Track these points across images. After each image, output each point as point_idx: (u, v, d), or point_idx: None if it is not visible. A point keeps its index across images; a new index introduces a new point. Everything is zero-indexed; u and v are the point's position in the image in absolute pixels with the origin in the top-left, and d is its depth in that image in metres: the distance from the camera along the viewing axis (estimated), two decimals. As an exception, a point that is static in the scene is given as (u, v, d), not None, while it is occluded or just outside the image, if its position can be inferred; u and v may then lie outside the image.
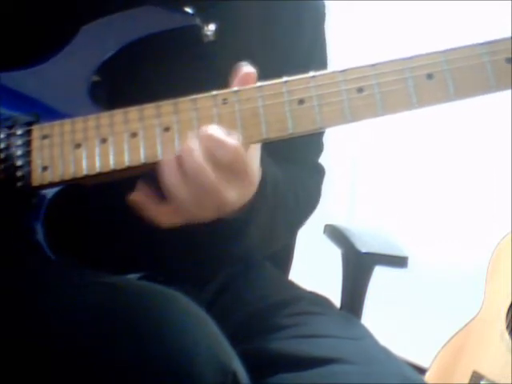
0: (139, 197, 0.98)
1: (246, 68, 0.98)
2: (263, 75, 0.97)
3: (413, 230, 2.52)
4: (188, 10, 1.05)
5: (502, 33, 0.95)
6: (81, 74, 1.05)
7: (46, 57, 1.06)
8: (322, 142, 1.31)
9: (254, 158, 0.98)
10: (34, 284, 0.97)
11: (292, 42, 1.21)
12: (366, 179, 2.71)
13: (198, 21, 1.05)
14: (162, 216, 0.99)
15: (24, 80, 1.06)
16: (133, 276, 1.07)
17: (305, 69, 0.98)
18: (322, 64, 1.26)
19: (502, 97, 0.95)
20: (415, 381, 1.04)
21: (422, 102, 0.94)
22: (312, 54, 1.24)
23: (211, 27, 1.06)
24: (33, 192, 1.01)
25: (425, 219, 2.60)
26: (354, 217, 2.64)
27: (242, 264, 1.22)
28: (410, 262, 1.37)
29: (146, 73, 0.98)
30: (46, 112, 1.04)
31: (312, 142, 1.27)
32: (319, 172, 1.30)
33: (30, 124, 1.03)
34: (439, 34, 2.33)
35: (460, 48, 0.94)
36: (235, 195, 0.96)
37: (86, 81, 1.05)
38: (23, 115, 1.04)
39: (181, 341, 0.88)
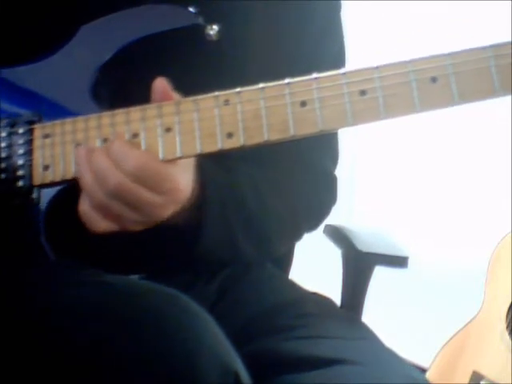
0: (86, 208, 0.98)
1: (160, 82, 0.97)
2: (267, 75, 0.97)
3: (413, 230, 2.52)
4: (191, 9, 1.05)
5: (502, 33, 0.94)
6: (82, 72, 1.05)
7: (46, 54, 1.06)
8: (337, 150, 1.29)
9: (178, 171, 0.97)
10: (34, 282, 0.98)
11: (298, 42, 1.20)
12: (366, 179, 2.71)
13: (201, 20, 1.05)
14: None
15: (25, 76, 1.07)
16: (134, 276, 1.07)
17: (313, 65, 0.97)
18: (335, 62, 1.24)
19: (502, 97, 0.94)
20: (421, 381, 1.05)
21: (425, 106, 0.92)
22: (321, 50, 1.23)
23: (214, 27, 1.05)
24: (34, 191, 1.02)
25: (425, 219, 2.60)
26: (353, 217, 2.64)
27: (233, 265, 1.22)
28: (410, 261, 1.37)
29: (148, 72, 0.97)
30: (47, 109, 1.04)
31: (324, 148, 1.26)
32: (326, 179, 1.28)
33: (31, 123, 1.03)
34: (442, 33, 2.33)
35: (465, 51, 0.92)
36: (159, 200, 0.96)
37: (87, 79, 1.05)
38: (25, 113, 1.04)
39: (183, 341, 0.88)
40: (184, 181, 0.98)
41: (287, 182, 1.20)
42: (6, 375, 0.90)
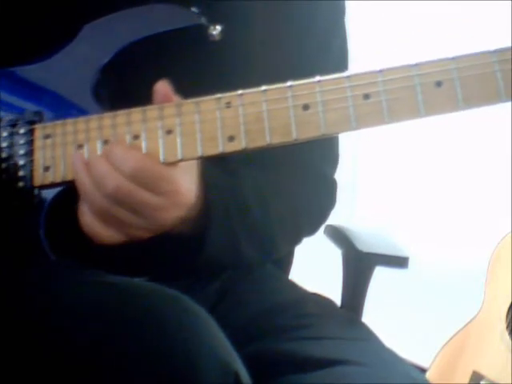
0: (87, 217, 0.98)
1: (162, 85, 0.97)
2: (269, 77, 0.97)
3: (413, 231, 2.53)
4: (194, 9, 1.05)
5: (503, 33, 0.94)
6: (84, 72, 1.05)
7: (49, 53, 1.06)
8: (337, 154, 1.29)
9: (179, 173, 0.97)
10: (34, 282, 0.97)
11: (300, 43, 1.19)
12: (366, 179, 2.72)
13: (203, 20, 1.05)
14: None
15: (28, 75, 1.06)
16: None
17: (316, 66, 0.97)
18: (338, 63, 1.24)
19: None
20: (421, 381, 1.05)
21: (429, 110, 0.91)
22: (324, 52, 1.22)
23: (217, 27, 1.05)
24: (34, 192, 1.01)
25: (425, 219, 2.60)
26: (353, 217, 2.64)
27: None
28: (410, 262, 1.37)
29: (150, 72, 0.97)
30: (49, 108, 1.04)
31: (324, 152, 1.25)
32: (326, 183, 1.28)
33: (32, 123, 1.03)
34: (444, 34, 2.33)
35: (470, 55, 0.91)
36: (159, 202, 0.96)
37: (89, 79, 1.05)
38: (27, 113, 1.04)
39: (183, 341, 0.88)
40: (185, 183, 0.98)
41: (289, 184, 1.20)
42: (6, 375, 0.90)
